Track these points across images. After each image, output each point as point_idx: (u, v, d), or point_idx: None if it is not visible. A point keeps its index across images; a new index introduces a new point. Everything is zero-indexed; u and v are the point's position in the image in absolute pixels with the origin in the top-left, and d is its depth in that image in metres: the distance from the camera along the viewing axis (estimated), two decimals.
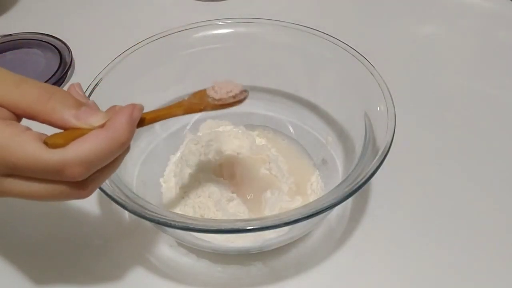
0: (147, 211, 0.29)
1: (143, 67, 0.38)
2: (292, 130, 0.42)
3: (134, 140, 0.37)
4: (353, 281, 0.34)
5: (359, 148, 0.34)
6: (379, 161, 0.31)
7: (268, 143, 0.41)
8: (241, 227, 0.28)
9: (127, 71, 0.37)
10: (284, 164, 0.39)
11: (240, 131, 0.41)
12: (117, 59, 0.37)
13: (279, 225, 0.28)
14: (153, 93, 0.40)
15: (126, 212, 0.36)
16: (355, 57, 0.37)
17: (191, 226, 0.28)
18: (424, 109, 0.46)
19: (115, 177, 0.32)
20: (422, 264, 0.35)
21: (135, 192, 0.32)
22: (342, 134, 0.38)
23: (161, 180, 0.39)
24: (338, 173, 0.37)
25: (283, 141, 0.41)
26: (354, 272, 0.35)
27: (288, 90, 0.42)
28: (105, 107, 0.35)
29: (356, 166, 0.32)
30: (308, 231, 0.36)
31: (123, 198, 0.30)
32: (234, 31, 0.41)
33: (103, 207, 0.38)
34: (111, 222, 0.38)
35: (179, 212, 0.36)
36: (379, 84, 0.35)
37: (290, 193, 0.37)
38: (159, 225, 0.31)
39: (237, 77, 0.42)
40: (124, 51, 0.38)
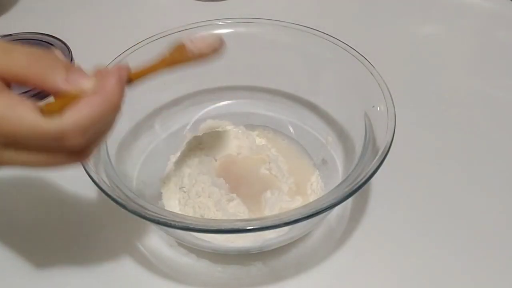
0: (147, 211, 0.29)
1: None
2: (292, 130, 0.42)
3: (134, 140, 0.38)
4: (353, 281, 0.34)
5: (359, 148, 0.34)
6: (379, 161, 0.31)
7: (268, 143, 0.41)
8: (241, 227, 0.28)
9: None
10: (284, 164, 0.39)
11: (240, 131, 0.41)
12: (117, 59, 0.37)
13: (279, 225, 0.28)
14: (153, 93, 0.40)
15: (126, 212, 0.36)
16: (355, 57, 0.37)
17: (191, 226, 0.28)
18: (424, 109, 0.46)
19: (115, 177, 0.32)
20: (422, 264, 0.35)
21: (135, 192, 0.32)
22: (342, 134, 0.38)
23: (161, 180, 0.39)
24: (338, 173, 0.37)
25: (283, 141, 0.41)
26: (354, 272, 0.35)
27: (288, 90, 0.42)
28: None
29: (356, 166, 0.32)
30: (308, 231, 0.36)
31: (123, 198, 0.30)
32: (234, 31, 0.41)
33: (103, 206, 0.38)
34: (111, 222, 0.38)
35: (179, 212, 0.36)
36: (379, 84, 0.35)
37: (290, 193, 0.37)
38: (159, 225, 0.31)
39: (237, 77, 0.42)
40: (124, 51, 0.38)
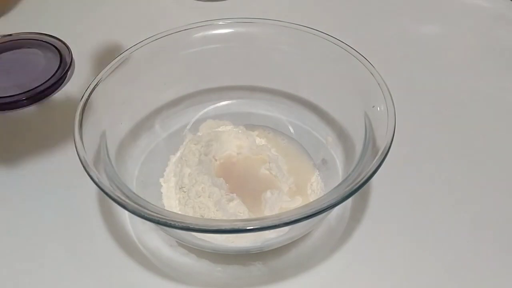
0: (147, 211, 0.29)
1: (143, 67, 0.38)
2: (292, 130, 0.42)
3: (134, 140, 0.38)
4: (353, 281, 0.34)
5: (359, 148, 0.34)
6: (379, 161, 0.30)
7: (268, 143, 0.41)
8: (241, 227, 0.28)
9: (127, 71, 0.37)
10: (284, 164, 0.39)
11: (240, 131, 0.41)
12: (117, 59, 0.37)
13: (279, 225, 0.28)
14: (153, 93, 0.40)
15: (125, 212, 0.36)
16: (355, 57, 0.37)
17: (191, 226, 0.28)
18: (424, 109, 0.46)
19: (115, 177, 0.32)
20: (423, 264, 0.35)
21: (135, 192, 0.32)
22: (342, 134, 0.38)
23: (161, 180, 0.39)
24: (338, 173, 0.37)
25: (283, 141, 0.41)
26: (354, 272, 0.35)
27: (288, 90, 0.42)
28: (105, 107, 0.35)
29: (356, 166, 0.32)
30: (308, 231, 0.36)
31: (123, 198, 0.29)
32: (234, 31, 0.41)
33: (102, 207, 0.38)
34: (111, 222, 0.38)
35: (179, 212, 0.36)
36: (379, 84, 0.35)
37: (290, 193, 0.37)
38: (159, 225, 0.31)
39: (237, 77, 0.42)
40: (124, 51, 0.38)
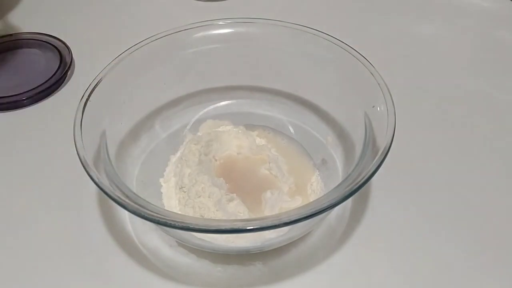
0: (147, 211, 0.29)
1: (143, 67, 0.38)
2: (292, 130, 0.42)
3: (134, 140, 0.38)
4: (354, 281, 0.34)
5: (359, 148, 0.34)
6: (379, 161, 0.30)
7: (268, 143, 0.41)
8: (241, 227, 0.28)
9: (127, 71, 0.37)
10: (284, 164, 0.39)
11: (240, 131, 0.41)
12: (117, 59, 0.37)
13: (279, 225, 0.28)
14: (153, 93, 0.40)
15: (125, 212, 0.36)
16: (355, 57, 0.37)
17: (191, 226, 0.28)
18: (424, 109, 0.46)
19: (115, 177, 0.32)
20: (423, 264, 0.35)
21: (135, 192, 0.32)
22: (342, 134, 0.38)
23: (161, 180, 0.39)
24: (338, 173, 0.37)
25: (283, 141, 0.41)
26: (354, 272, 0.35)
27: (288, 90, 0.42)
28: (105, 107, 0.35)
29: (356, 166, 0.32)
30: (308, 231, 0.36)
31: (123, 198, 0.29)
32: (234, 31, 0.41)
33: (102, 207, 0.38)
34: (111, 222, 0.38)
35: (179, 212, 0.36)
36: (379, 84, 0.35)
37: (290, 193, 0.37)
38: (159, 225, 0.31)
39: (237, 77, 0.42)
40: (124, 51, 0.38)
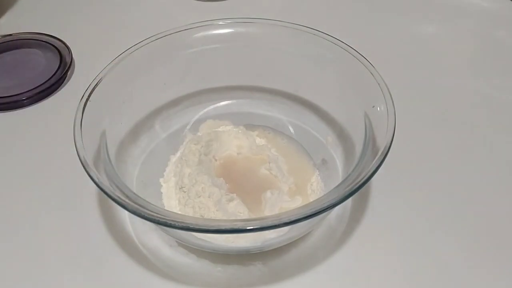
0: (147, 211, 0.29)
1: (143, 67, 0.38)
2: (292, 130, 0.42)
3: (134, 140, 0.38)
4: (354, 281, 0.34)
5: (359, 148, 0.34)
6: (379, 161, 0.30)
7: (268, 143, 0.41)
8: (241, 227, 0.28)
9: (127, 71, 0.37)
10: (284, 164, 0.39)
11: (240, 131, 0.41)
12: (117, 59, 0.37)
13: (279, 225, 0.28)
14: (153, 93, 0.40)
15: (125, 212, 0.36)
16: (355, 57, 0.37)
17: (191, 226, 0.28)
18: (424, 109, 0.46)
19: (115, 177, 0.32)
20: (423, 264, 0.35)
21: (135, 192, 0.32)
22: (342, 134, 0.38)
23: (161, 180, 0.39)
24: (338, 173, 0.37)
25: (283, 141, 0.41)
26: (354, 272, 0.35)
27: (288, 90, 0.42)
28: (105, 107, 0.35)
29: (356, 166, 0.32)
30: (308, 231, 0.36)
31: (123, 198, 0.29)
32: (234, 31, 0.41)
33: (102, 207, 0.38)
34: (111, 222, 0.38)
35: (179, 212, 0.36)
36: (379, 84, 0.35)
37: (290, 193, 0.37)
38: (159, 225, 0.31)
39: (237, 77, 0.42)
40: (124, 51, 0.38)
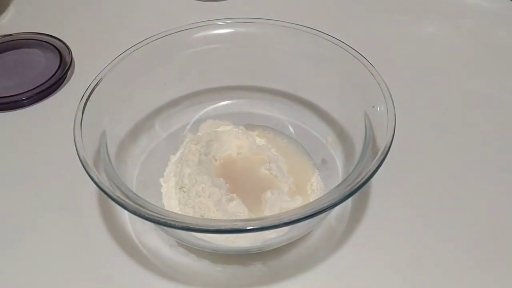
0: (147, 211, 0.29)
1: (143, 67, 0.38)
2: (292, 130, 0.42)
3: (134, 140, 0.38)
4: (354, 281, 0.34)
5: (359, 148, 0.34)
6: (379, 161, 0.30)
7: (268, 143, 0.41)
8: (241, 227, 0.28)
9: (127, 71, 0.37)
10: (284, 164, 0.39)
11: (240, 131, 0.41)
12: (117, 59, 0.37)
13: (279, 225, 0.28)
14: (153, 93, 0.40)
15: (125, 212, 0.36)
16: (355, 57, 0.37)
17: (191, 226, 0.28)
18: (424, 109, 0.46)
19: (115, 177, 0.32)
20: (423, 264, 0.35)
21: (135, 192, 0.32)
22: (342, 134, 0.38)
23: (161, 180, 0.39)
24: (338, 173, 0.37)
25: (283, 141, 0.41)
26: (354, 272, 0.35)
27: (288, 90, 0.42)
28: (105, 107, 0.35)
29: (356, 166, 0.32)
30: (308, 231, 0.36)
31: (123, 198, 0.29)
32: (234, 31, 0.41)
33: (102, 207, 0.38)
34: (111, 222, 0.38)
35: (179, 212, 0.36)
36: (379, 84, 0.35)
37: (290, 193, 0.37)
38: (159, 225, 0.31)
39: (237, 77, 0.42)
40: (124, 51, 0.38)
